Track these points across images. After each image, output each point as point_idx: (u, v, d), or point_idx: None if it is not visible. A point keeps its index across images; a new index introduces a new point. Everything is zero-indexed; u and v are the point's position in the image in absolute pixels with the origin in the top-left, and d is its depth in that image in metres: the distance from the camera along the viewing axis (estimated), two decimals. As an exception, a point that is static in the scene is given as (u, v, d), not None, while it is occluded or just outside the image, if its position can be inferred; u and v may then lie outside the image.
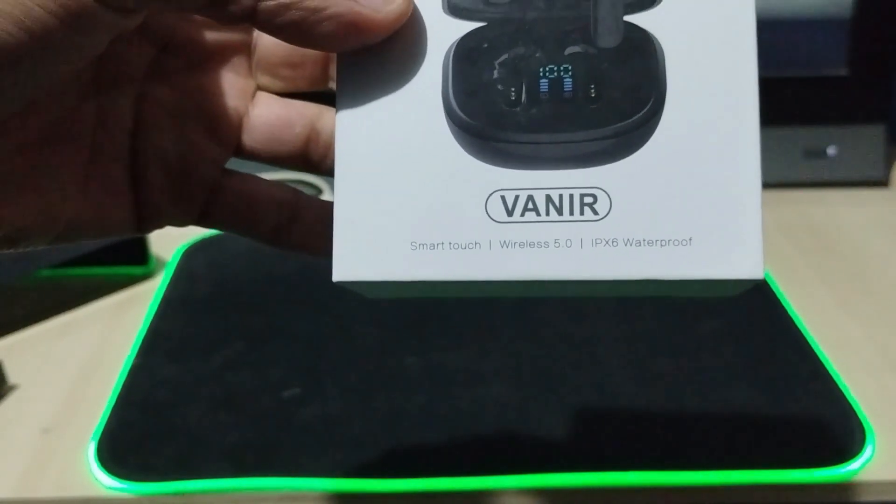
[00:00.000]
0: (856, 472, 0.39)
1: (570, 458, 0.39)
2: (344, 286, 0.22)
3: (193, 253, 0.56)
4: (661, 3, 0.21)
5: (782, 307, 0.50)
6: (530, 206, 0.21)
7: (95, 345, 0.49)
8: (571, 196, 0.21)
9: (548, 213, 0.21)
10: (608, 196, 0.21)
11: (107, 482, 0.39)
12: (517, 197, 0.21)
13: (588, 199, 0.21)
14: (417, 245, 0.21)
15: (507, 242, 0.21)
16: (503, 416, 0.42)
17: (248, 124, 0.28)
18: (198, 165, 0.27)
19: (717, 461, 0.39)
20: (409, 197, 0.21)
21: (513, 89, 0.22)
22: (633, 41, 0.21)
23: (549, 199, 0.21)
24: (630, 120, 0.21)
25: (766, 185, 0.67)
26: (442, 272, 0.21)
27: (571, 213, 0.21)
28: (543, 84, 0.21)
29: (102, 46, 0.21)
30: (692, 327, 0.48)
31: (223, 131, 0.27)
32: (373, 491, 0.38)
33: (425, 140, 0.22)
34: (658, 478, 0.39)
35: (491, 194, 0.21)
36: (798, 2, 0.63)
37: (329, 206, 0.26)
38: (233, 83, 0.27)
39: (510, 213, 0.21)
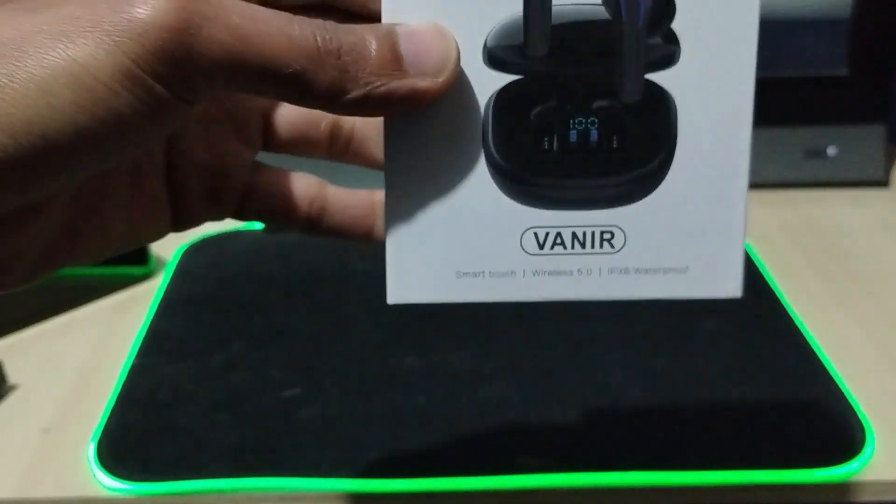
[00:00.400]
0: (856, 471, 0.39)
1: (569, 458, 0.39)
2: (396, 306, 0.25)
3: (193, 253, 0.56)
4: (678, 64, 0.24)
5: (782, 307, 0.50)
6: (558, 241, 0.24)
7: (95, 345, 0.49)
8: (593, 233, 0.25)
9: (573, 247, 0.25)
10: (623, 233, 0.25)
11: (107, 482, 0.39)
12: (547, 234, 0.24)
13: (607, 236, 0.25)
14: (462, 273, 0.25)
15: (538, 271, 0.25)
16: (503, 417, 0.42)
17: (274, 123, 0.29)
18: (230, 169, 0.28)
19: (716, 461, 0.39)
20: (453, 232, 0.24)
21: (546, 138, 0.24)
22: (652, 97, 0.24)
23: (574, 235, 0.24)
24: (645, 169, 0.24)
25: (767, 184, 0.67)
26: (483, 296, 0.25)
27: (592, 246, 0.25)
28: (573, 135, 0.24)
29: (171, 131, 0.22)
30: (692, 327, 0.48)
31: (251, 133, 0.28)
32: (373, 491, 0.38)
33: (467, 181, 0.24)
34: (658, 478, 0.39)
35: (525, 231, 0.24)
36: (798, 2, 0.63)
37: (354, 194, 0.29)
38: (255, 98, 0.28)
39: (541, 246, 0.24)
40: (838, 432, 0.41)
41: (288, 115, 0.29)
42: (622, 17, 0.23)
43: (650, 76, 0.24)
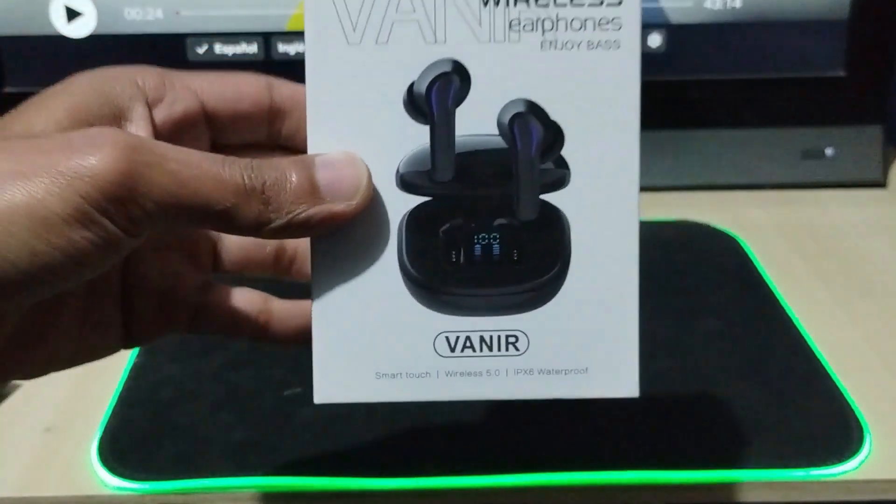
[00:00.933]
0: (853, 470, 0.39)
1: (569, 457, 0.40)
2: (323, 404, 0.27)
3: (194, 253, 0.57)
4: (568, 186, 0.27)
5: (780, 307, 0.50)
6: (468, 344, 0.27)
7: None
8: (499, 337, 0.27)
9: (481, 350, 0.27)
10: (527, 337, 0.27)
11: (109, 480, 0.39)
12: (458, 338, 0.27)
13: (511, 339, 0.27)
14: (381, 375, 0.27)
15: (450, 372, 0.27)
16: (503, 415, 0.42)
17: (223, 248, 0.31)
18: (182, 291, 0.30)
19: (714, 460, 0.39)
20: (373, 337, 0.27)
21: (453, 252, 0.27)
22: (546, 215, 0.27)
23: (482, 339, 0.27)
24: (543, 279, 0.27)
25: (764, 185, 0.67)
26: (400, 395, 0.27)
27: (499, 349, 0.27)
28: (477, 249, 0.27)
29: (118, 260, 0.24)
30: (691, 327, 0.49)
31: (202, 258, 0.31)
32: (373, 489, 0.39)
33: (384, 291, 0.27)
34: (656, 477, 0.39)
35: (437, 335, 0.27)
36: (796, 3, 0.63)
37: (295, 305, 0.32)
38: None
39: (452, 349, 0.27)
40: (836, 431, 0.41)
41: (236, 240, 0.31)
42: (517, 147, 0.26)
43: (544, 196, 0.27)
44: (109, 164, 0.22)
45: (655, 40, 0.64)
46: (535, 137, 0.26)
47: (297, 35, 0.63)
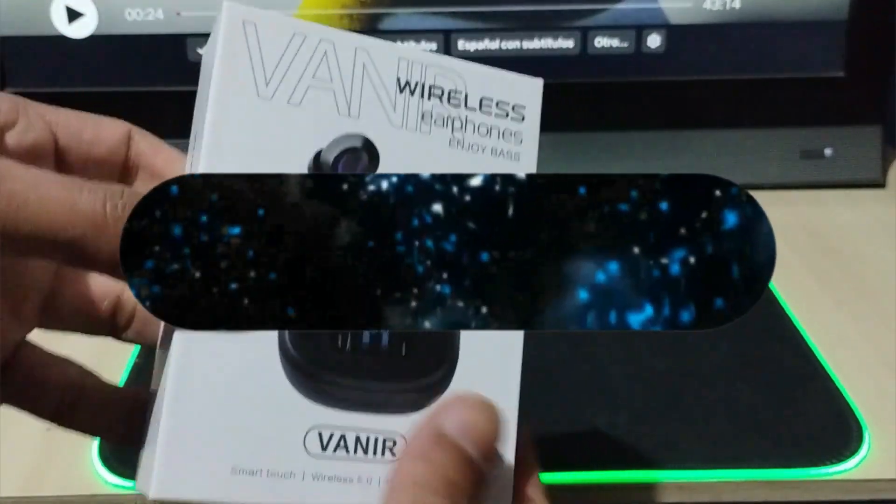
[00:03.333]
0: (851, 469, 0.39)
1: (568, 457, 0.40)
2: (162, 502, 0.23)
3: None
4: None
5: (779, 307, 0.50)
6: (342, 444, 0.24)
7: (98, 344, 0.49)
8: (376, 439, 0.25)
9: (356, 452, 0.24)
10: (406, 441, 0.25)
11: (110, 479, 0.39)
12: (332, 435, 0.24)
13: (389, 444, 0.25)
14: (238, 470, 0.23)
15: (318, 475, 0.24)
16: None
17: (55, 302, 0.28)
18: None
19: (713, 460, 0.40)
20: (236, 423, 0.23)
21: (340, 336, 0.25)
22: None
23: (357, 440, 0.24)
24: (429, 378, 0.25)
25: (763, 185, 0.67)
26: (257, 497, 0.23)
27: (375, 453, 0.25)
28: (366, 335, 0.25)
29: None
30: (690, 327, 0.49)
31: (26, 311, 0.27)
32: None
33: (258, 371, 0.24)
34: (655, 476, 0.39)
35: (309, 430, 0.24)
36: (795, 3, 0.63)
37: (114, 390, 0.29)
38: (35, 262, 0.27)
39: (324, 448, 0.24)
40: (834, 431, 0.41)
41: (70, 293, 0.28)
42: None
43: None
44: None
45: (655, 41, 0.64)
46: None
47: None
